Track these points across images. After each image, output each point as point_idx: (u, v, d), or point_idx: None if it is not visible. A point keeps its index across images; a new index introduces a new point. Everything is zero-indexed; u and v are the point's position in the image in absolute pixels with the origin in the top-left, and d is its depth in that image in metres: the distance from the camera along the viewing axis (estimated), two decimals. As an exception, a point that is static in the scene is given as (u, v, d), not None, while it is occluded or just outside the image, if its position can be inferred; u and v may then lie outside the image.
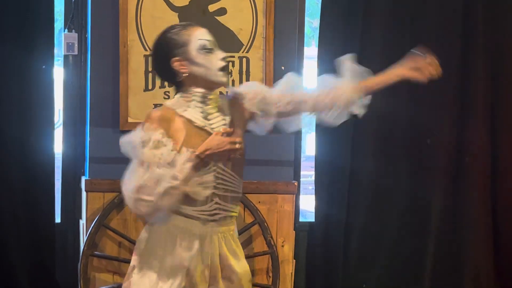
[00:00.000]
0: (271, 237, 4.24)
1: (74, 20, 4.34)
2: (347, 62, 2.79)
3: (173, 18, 4.21)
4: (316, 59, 4.56)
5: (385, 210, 4.60)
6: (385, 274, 4.59)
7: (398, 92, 4.40)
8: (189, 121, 2.63)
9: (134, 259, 2.69)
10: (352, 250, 4.59)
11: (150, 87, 4.23)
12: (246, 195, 4.25)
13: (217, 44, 2.68)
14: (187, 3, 4.24)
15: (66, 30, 4.34)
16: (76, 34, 4.33)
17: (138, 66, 4.20)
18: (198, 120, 2.64)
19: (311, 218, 4.68)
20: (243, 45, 4.30)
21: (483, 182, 4.61)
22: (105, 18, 4.17)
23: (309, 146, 5.80)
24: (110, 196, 4.14)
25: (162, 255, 2.63)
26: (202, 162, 2.55)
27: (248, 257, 4.25)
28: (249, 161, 4.26)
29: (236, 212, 2.74)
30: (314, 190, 4.63)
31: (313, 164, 4.64)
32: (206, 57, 2.64)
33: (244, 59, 4.30)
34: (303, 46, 4.57)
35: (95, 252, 4.13)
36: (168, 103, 2.69)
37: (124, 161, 4.18)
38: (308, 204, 4.91)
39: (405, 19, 4.54)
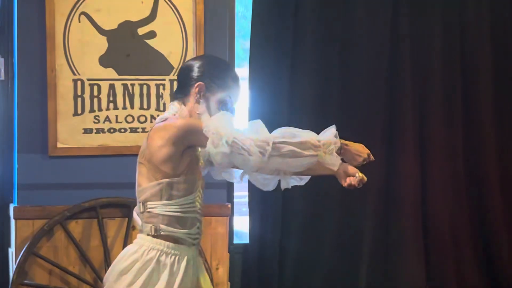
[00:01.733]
0: (206, 260, 4.21)
1: (0, 45, 4.26)
2: None
3: (101, 42, 4.19)
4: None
5: (319, 230, 4.62)
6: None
7: (326, 116, 4.46)
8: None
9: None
10: (287, 271, 4.59)
11: (79, 111, 4.18)
12: (180, 218, 4.22)
13: (233, 109, 2.74)
14: (116, 27, 4.22)
15: (-8, 55, 4.27)
16: (3, 59, 4.25)
17: (67, 90, 4.15)
18: None
19: (246, 239, 4.67)
20: (174, 68, 4.29)
21: (413, 205, 4.67)
22: (32, 43, 4.12)
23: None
24: (40, 223, 4.07)
25: (149, 284, 2.63)
26: (338, 147, 2.59)
27: (182, 281, 4.23)
28: (181, 184, 4.27)
29: None
30: (248, 211, 4.63)
31: (247, 184, 4.64)
32: (217, 110, 2.71)
33: (175, 82, 4.27)
34: (234, 68, 4.59)
35: (25, 281, 4.05)
36: (176, 115, 2.72)
37: (53, 187, 4.15)
38: (243, 225, 4.90)
39: (335, 42, 4.60)
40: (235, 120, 2.62)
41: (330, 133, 2.61)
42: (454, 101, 4.76)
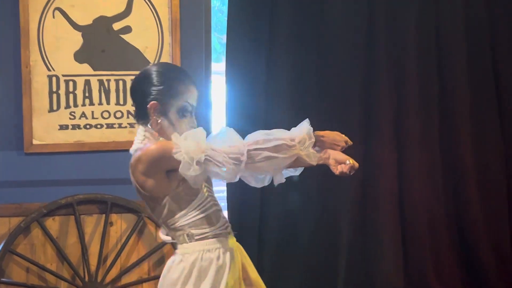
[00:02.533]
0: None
1: (-27, 41, 4.23)
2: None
3: (76, 38, 4.16)
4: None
5: (297, 223, 4.63)
6: (300, 286, 4.62)
7: (304, 109, 4.47)
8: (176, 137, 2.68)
9: None
10: (266, 264, 4.60)
11: (55, 108, 4.16)
12: (157, 214, 4.22)
13: (194, 109, 2.71)
14: (91, 22, 4.19)
15: (-35, 51, 4.22)
16: (-24, 56, 4.22)
17: (41, 87, 4.12)
18: None
19: (225, 234, 4.66)
20: (150, 63, 4.27)
21: (391, 197, 4.69)
22: (6, 39, 4.08)
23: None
24: (16, 220, 4.04)
25: (201, 283, 2.65)
26: (314, 142, 2.59)
27: (161, 277, 4.22)
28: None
29: None
30: (226, 205, 4.62)
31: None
32: (180, 119, 2.67)
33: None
34: (210, 62, 4.57)
35: (2, 279, 4.02)
36: (145, 140, 2.68)
37: (29, 184, 4.12)
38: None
39: (311, 35, 4.60)
40: (204, 135, 2.56)
41: (303, 129, 2.59)
42: (430, 92, 4.77)
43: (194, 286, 2.63)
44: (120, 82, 4.23)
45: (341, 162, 2.61)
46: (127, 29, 4.25)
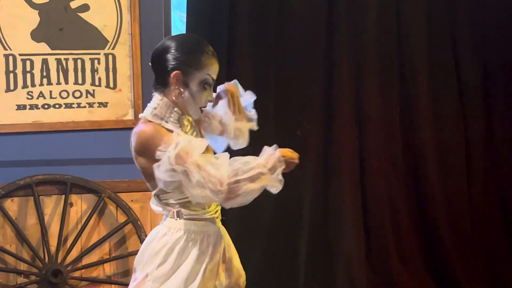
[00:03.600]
0: (146, 235, 4.19)
1: None
2: None
3: (33, 16, 4.10)
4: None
5: (259, 202, 4.61)
6: (261, 266, 4.64)
7: (264, 89, 4.46)
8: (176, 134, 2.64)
9: (146, 268, 2.67)
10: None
11: (12, 87, 4.10)
12: (118, 194, 4.19)
13: (213, 83, 2.73)
14: (48, 0, 4.13)
15: None
16: None
17: (-2, 66, 4.06)
18: (181, 133, 2.66)
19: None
20: (108, 41, 4.23)
21: (352, 176, 4.72)
22: (-40, 17, 4.01)
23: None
24: (-26, 202, 3.98)
25: (181, 262, 2.66)
26: (283, 168, 2.64)
27: (122, 257, 4.21)
28: (119, 159, 4.24)
29: None
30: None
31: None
32: (200, 91, 2.68)
33: (110, 56, 4.23)
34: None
35: (-40, 262, 3.97)
36: (149, 116, 2.66)
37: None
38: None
39: (271, 15, 4.59)
40: (203, 148, 2.55)
41: (275, 158, 2.62)
42: (390, 71, 4.80)
43: (174, 263, 2.64)
44: (79, 61, 4.18)
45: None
46: (85, 7, 4.20)
